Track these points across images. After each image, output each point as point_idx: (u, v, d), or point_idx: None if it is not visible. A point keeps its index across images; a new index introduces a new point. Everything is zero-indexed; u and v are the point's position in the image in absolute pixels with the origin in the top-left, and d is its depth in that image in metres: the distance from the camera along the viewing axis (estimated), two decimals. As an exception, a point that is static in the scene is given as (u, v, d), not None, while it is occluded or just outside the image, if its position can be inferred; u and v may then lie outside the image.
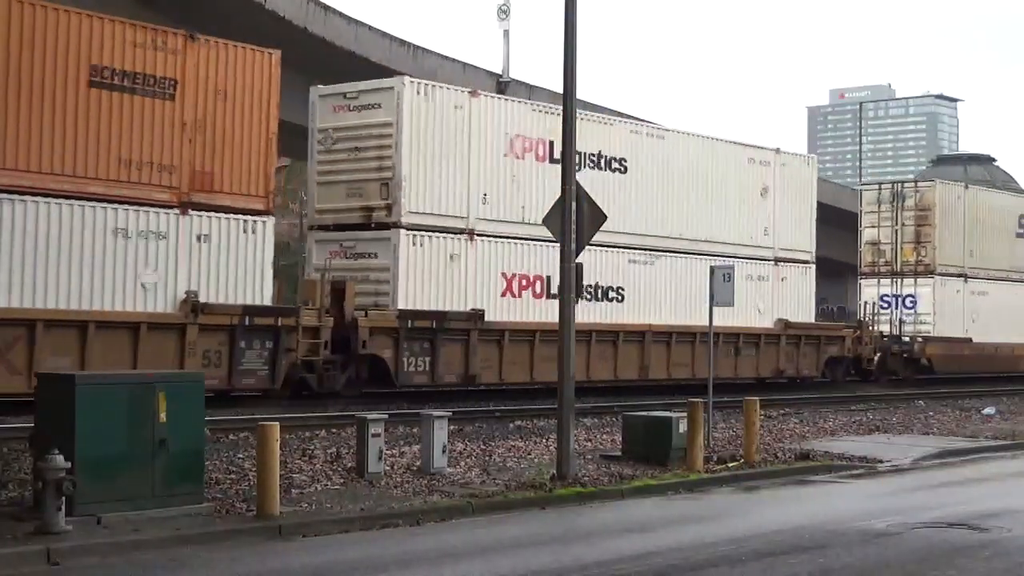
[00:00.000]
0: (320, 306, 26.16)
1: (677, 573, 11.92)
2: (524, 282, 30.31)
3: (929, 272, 43.10)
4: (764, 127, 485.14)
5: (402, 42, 45.57)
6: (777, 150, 37.81)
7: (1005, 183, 79.92)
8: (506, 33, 48.69)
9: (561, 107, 19.22)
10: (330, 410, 25.05)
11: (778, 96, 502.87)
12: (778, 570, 11.99)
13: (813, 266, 38.39)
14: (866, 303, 42.97)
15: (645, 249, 33.22)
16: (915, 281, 43.40)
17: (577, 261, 18.28)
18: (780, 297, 36.88)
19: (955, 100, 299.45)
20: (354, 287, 27.39)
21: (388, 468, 17.33)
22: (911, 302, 43.23)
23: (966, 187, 46.49)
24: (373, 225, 28.44)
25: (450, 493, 16.05)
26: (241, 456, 18.21)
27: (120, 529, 12.90)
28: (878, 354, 40.97)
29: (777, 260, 37.00)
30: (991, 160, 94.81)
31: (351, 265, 28.48)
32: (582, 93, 22.13)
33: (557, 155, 28.40)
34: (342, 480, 16.64)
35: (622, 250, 32.55)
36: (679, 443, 19.26)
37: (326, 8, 42.19)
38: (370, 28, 44.30)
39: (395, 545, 13.18)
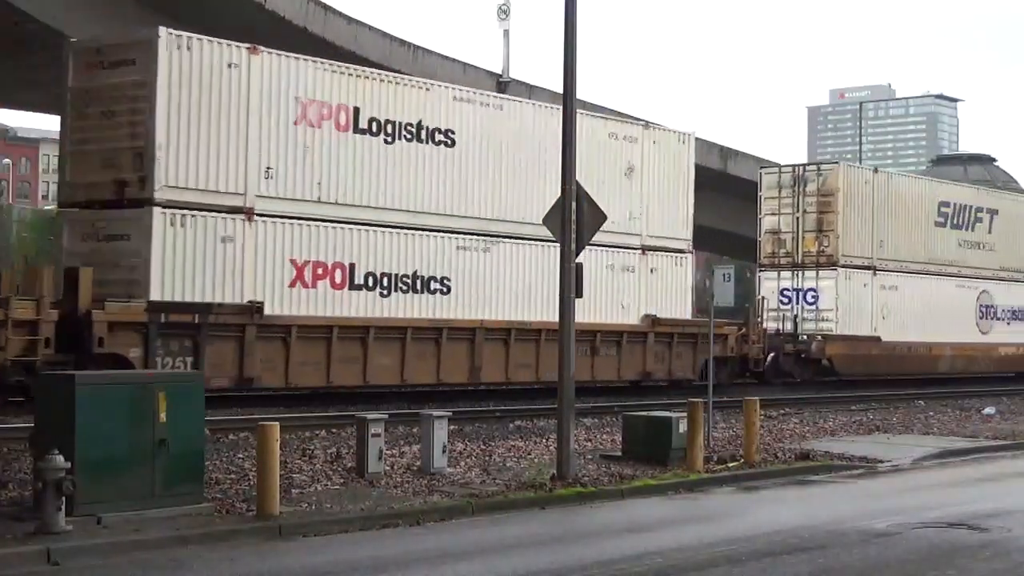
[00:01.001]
0: (41, 296, 22.30)
1: (677, 573, 11.92)
2: (320, 270, 26.23)
3: (832, 264, 39.39)
4: (764, 127, 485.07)
5: (402, 42, 45.53)
6: (646, 124, 34.29)
7: (1006, 183, 79.92)
8: (506, 33, 48.70)
9: (374, 72, 17.74)
10: (329, 410, 25.07)
11: (778, 96, 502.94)
12: (778, 570, 11.99)
13: (690, 256, 34.85)
14: (763, 298, 39.59)
15: (479, 234, 29.25)
16: (817, 274, 39.66)
17: (578, 261, 18.25)
18: (650, 290, 33.22)
19: (955, 100, 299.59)
20: (90, 274, 23.24)
21: (388, 468, 17.33)
22: (812, 297, 39.50)
23: (875, 171, 42.33)
24: (126, 202, 24.39)
25: (450, 493, 16.04)
26: (241, 456, 18.21)
27: (120, 529, 12.90)
28: (771, 354, 37.71)
29: (646, 249, 33.17)
30: (991, 160, 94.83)
31: (101, 249, 24.49)
32: (582, 93, 22.08)
33: (364, 123, 26.81)
34: (342, 480, 16.64)
35: (448, 235, 28.66)
36: (679, 443, 19.26)
37: (326, 8, 42.14)
38: (370, 28, 44.25)
39: (395, 545, 13.18)
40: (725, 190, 56.23)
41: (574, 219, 18.13)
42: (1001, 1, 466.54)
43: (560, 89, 18.65)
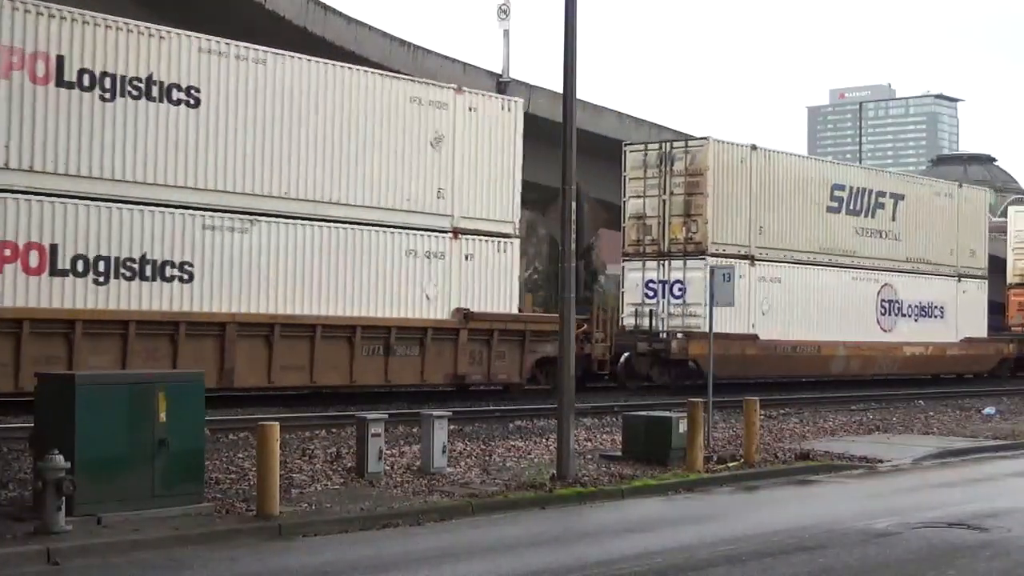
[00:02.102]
0: None
1: (677, 573, 11.92)
2: (7, 251, 22.02)
3: (700, 252, 34.55)
4: (764, 127, 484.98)
5: (402, 42, 45.55)
6: (459, 88, 29.48)
7: (1005, 183, 79.96)
8: (506, 33, 48.65)
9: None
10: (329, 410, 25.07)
11: (778, 96, 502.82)
12: (778, 570, 11.99)
13: (516, 241, 29.95)
14: (624, 292, 36.27)
15: (234, 211, 24.93)
16: (684, 264, 35.07)
17: (577, 261, 18.24)
18: (464, 280, 28.70)
19: (955, 100, 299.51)
20: None
21: (388, 468, 17.33)
22: (679, 290, 34.97)
23: (753, 148, 36.88)
24: None
25: (450, 493, 16.05)
26: (241, 456, 18.22)
27: (120, 529, 12.90)
28: (626, 354, 34.46)
29: (459, 232, 28.60)
30: (991, 160, 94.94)
31: None
32: (582, 92, 22.12)
33: (72, 75, 22.70)
34: (342, 480, 16.65)
35: (191, 211, 24.33)
36: (679, 443, 19.26)
37: (326, 8, 42.17)
38: (370, 28, 44.27)
39: (395, 545, 13.18)
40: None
41: (574, 218, 18.12)
42: (1001, 1, 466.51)
43: (560, 89, 18.63)
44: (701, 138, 36.53)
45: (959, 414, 31.49)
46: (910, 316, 41.61)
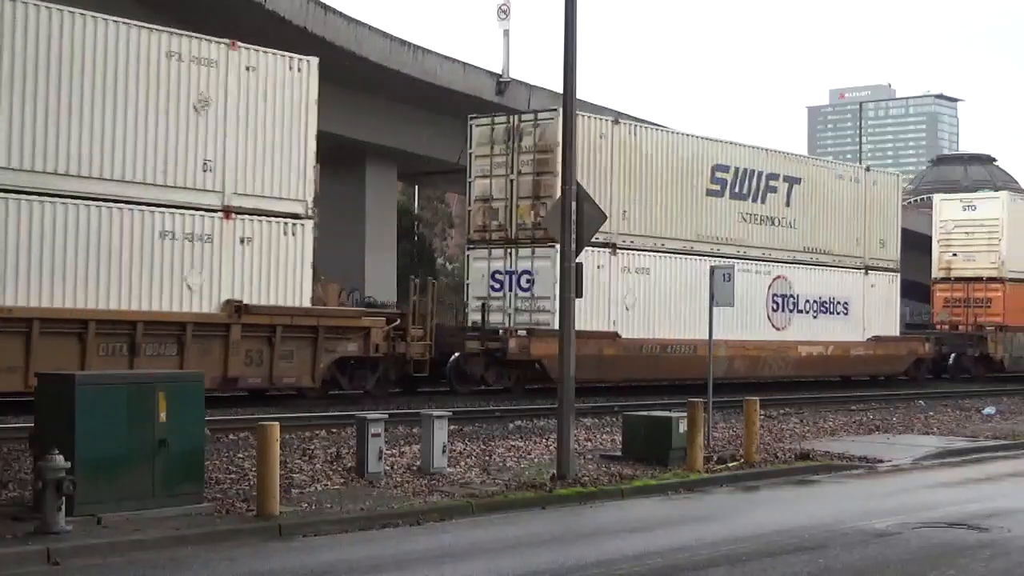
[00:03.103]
0: None
1: (677, 573, 11.92)
2: None
3: (549, 239, 29.69)
4: (764, 127, 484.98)
5: (402, 42, 45.54)
6: (233, 43, 25.37)
7: (1006, 183, 79.93)
8: (506, 33, 48.66)
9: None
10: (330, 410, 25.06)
11: (778, 96, 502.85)
12: (778, 570, 11.99)
13: (309, 223, 26.32)
14: (469, 284, 32.69)
15: None
16: (532, 252, 31.26)
17: (577, 261, 18.26)
18: (239, 267, 25.12)
19: (955, 100, 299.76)
20: None
21: (388, 468, 17.33)
22: (527, 281, 31.11)
23: (616, 121, 33.41)
24: None
25: (450, 493, 16.05)
26: (241, 456, 18.22)
27: (120, 529, 12.90)
28: (456, 355, 30.76)
29: (230, 211, 24.96)
30: (991, 160, 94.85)
31: None
32: (582, 92, 22.07)
33: None
34: (342, 480, 16.65)
35: None
36: (679, 443, 19.27)
37: (326, 8, 42.15)
38: (370, 28, 44.26)
39: (395, 545, 13.18)
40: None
41: (574, 219, 18.13)
42: (1002, 1, 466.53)
43: (560, 89, 18.64)
44: (551, 109, 32.23)
45: (959, 414, 31.49)
46: (808, 312, 37.71)
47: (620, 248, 32.36)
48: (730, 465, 19.82)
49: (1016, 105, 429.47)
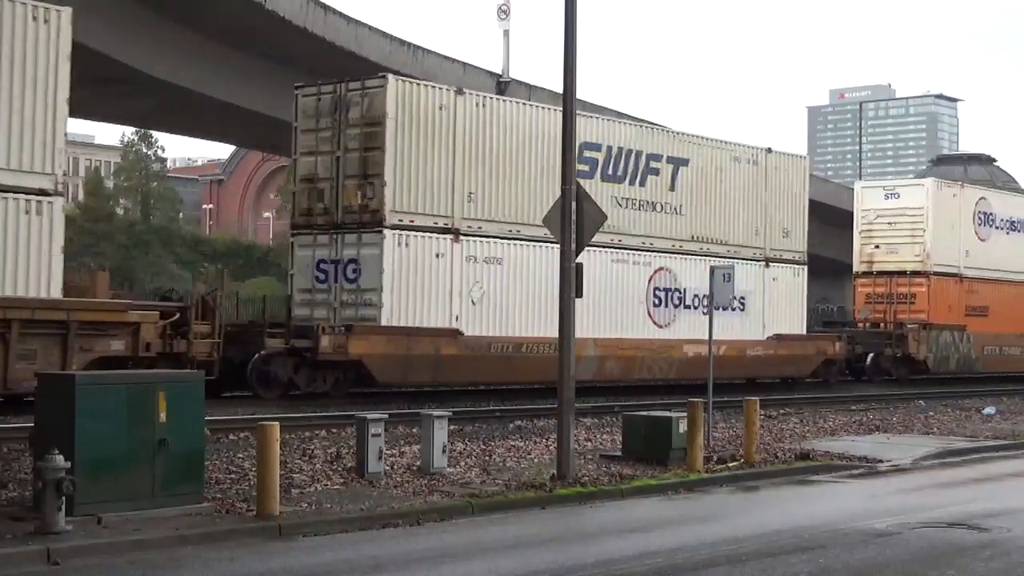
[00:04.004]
0: None
1: (677, 573, 11.92)
2: None
3: (377, 223, 27.19)
4: (764, 127, 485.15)
5: (402, 42, 45.60)
6: None
7: (1006, 183, 79.94)
8: (506, 33, 48.74)
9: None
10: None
11: (778, 96, 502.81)
12: (778, 570, 12.00)
13: (59, 200, 22.25)
14: (293, 274, 29.01)
15: None
16: (359, 238, 27.73)
17: (577, 261, 18.26)
18: None
19: (955, 100, 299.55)
20: None
21: (388, 468, 17.33)
22: (354, 271, 27.71)
23: (460, 92, 29.35)
24: None
25: (450, 493, 16.05)
26: (241, 456, 18.22)
27: (120, 529, 12.90)
28: (260, 354, 26.53)
29: None
30: (991, 160, 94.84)
31: None
32: (582, 92, 22.06)
33: None
34: (342, 480, 16.65)
35: None
36: (679, 443, 19.27)
37: (326, 8, 42.20)
38: (370, 28, 44.32)
39: (395, 545, 13.18)
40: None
41: (574, 219, 18.13)
42: (1002, 1, 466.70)
43: (560, 89, 18.65)
44: (379, 76, 28.84)
45: (959, 414, 31.51)
46: (696, 308, 33.37)
47: (464, 234, 28.72)
48: (730, 465, 19.82)
49: (1016, 105, 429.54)
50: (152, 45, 39.51)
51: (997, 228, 44.94)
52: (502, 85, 47.67)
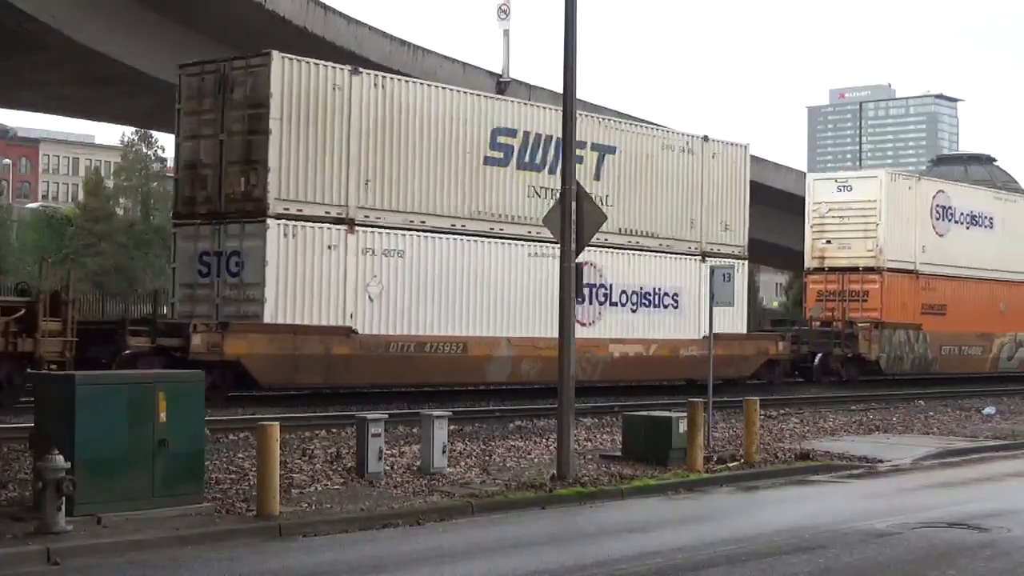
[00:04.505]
0: None
1: (677, 573, 11.92)
2: None
3: (260, 213, 25.49)
4: (764, 127, 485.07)
5: (402, 42, 45.57)
6: None
7: (1006, 183, 79.93)
8: (506, 33, 48.70)
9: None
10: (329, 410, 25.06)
11: (778, 96, 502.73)
12: (778, 570, 11.99)
13: None
14: (175, 268, 27.33)
15: None
16: (242, 229, 25.85)
17: (577, 261, 18.26)
18: None
19: (955, 100, 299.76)
20: None
21: (388, 468, 17.33)
22: (237, 264, 25.92)
23: (356, 71, 27.48)
24: None
25: (450, 493, 16.05)
26: (241, 456, 18.22)
27: (120, 529, 12.90)
28: (123, 353, 24.25)
29: None
30: (991, 160, 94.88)
31: None
32: (582, 92, 22.04)
33: None
34: (342, 480, 16.65)
35: None
36: (679, 443, 19.26)
37: (326, 8, 42.18)
38: (370, 28, 44.29)
39: (395, 545, 13.18)
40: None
41: (574, 219, 18.13)
42: (1002, 1, 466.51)
43: (560, 89, 18.65)
44: (263, 53, 26.39)
45: (959, 414, 31.50)
46: (624, 305, 32.12)
47: (360, 225, 26.85)
48: (730, 465, 19.81)
49: (1016, 105, 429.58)
50: (152, 45, 39.54)
51: (956, 223, 42.97)
52: (502, 85, 47.65)
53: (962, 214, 43.28)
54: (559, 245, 18.29)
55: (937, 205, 42.30)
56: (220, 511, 14.16)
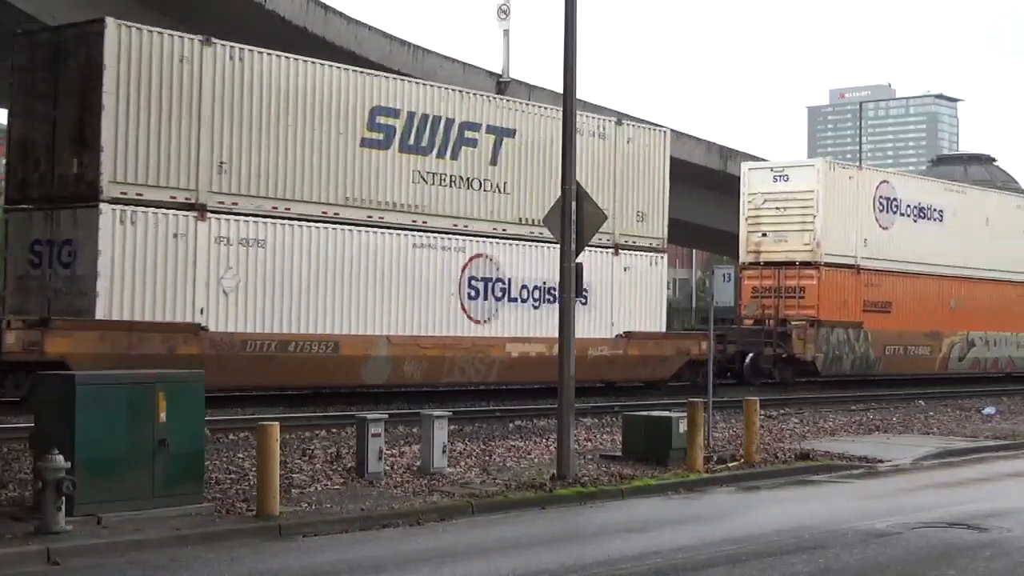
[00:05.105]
0: None
1: (677, 573, 11.92)
2: None
3: (94, 197, 23.38)
4: (764, 127, 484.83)
5: (402, 42, 45.56)
6: None
7: (1006, 183, 79.97)
8: (506, 33, 48.68)
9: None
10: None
11: (778, 96, 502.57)
12: (778, 570, 11.99)
13: None
14: (8, 257, 25.31)
15: None
16: (74, 215, 23.70)
17: (577, 261, 18.27)
18: None
19: (955, 100, 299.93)
20: None
21: (388, 468, 17.33)
22: (69, 255, 23.73)
23: (208, 42, 24.84)
24: None
25: (450, 493, 16.05)
26: (241, 456, 18.23)
27: (120, 529, 12.90)
28: None
29: None
30: (991, 160, 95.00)
31: None
32: (582, 92, 22.05)
33: None
34: (342, 480, 16.65)
35: None
36: (679, 443, 19.27)
37: (326, 8, 42.18)
38: (370, 28, 44.28)
39: (395, 545, 13.18)
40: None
41: (574, 218, 18.14)
42: (1001, 1, 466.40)
43: (560, 89, 18.65)
44: (96, 20, 23.97)
45: (959, 414, 31.51)
46: (525, 301, 29.94)
47: (213, 211, 24.60)
48: (730, 465, 19.81)
49: (1016, 105, 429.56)
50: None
51: (902, 215, 40.51)
52: (502, 85, 47.64)
53: (908, 206, 40.87)
54: (558, 245, 18.33)
55: (881, 196, 39.88)
56: (220, 511, 14.16)
